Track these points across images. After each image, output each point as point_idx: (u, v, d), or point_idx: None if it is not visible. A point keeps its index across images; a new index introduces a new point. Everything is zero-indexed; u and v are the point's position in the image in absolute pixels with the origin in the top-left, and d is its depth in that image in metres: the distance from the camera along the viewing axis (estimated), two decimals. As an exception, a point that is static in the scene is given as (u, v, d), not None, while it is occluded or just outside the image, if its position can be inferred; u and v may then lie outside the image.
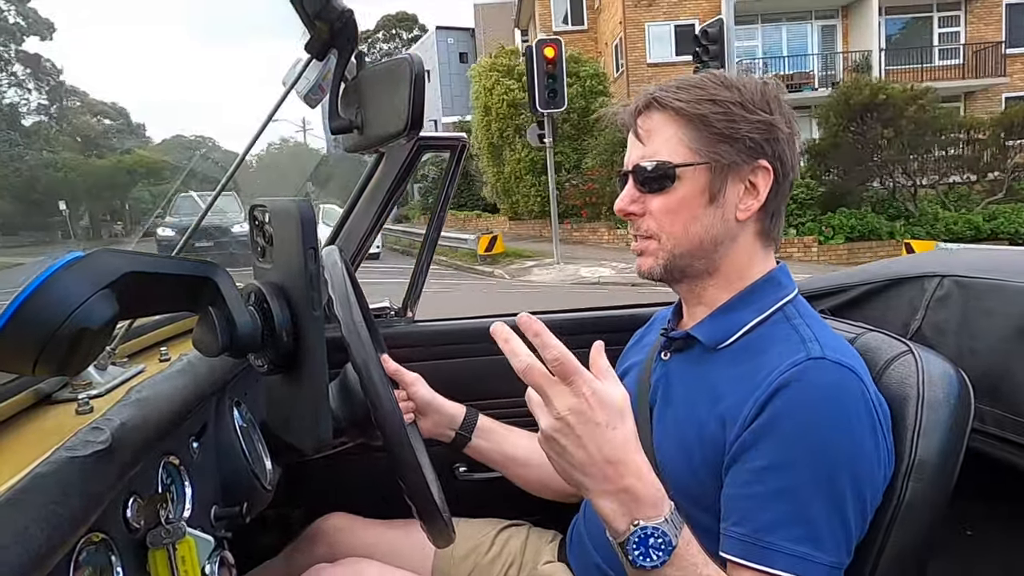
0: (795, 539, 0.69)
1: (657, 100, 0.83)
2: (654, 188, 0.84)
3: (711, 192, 0.82)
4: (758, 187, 0.83)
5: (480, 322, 1.56)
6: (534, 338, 0.63)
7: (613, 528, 0.65)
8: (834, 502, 0.70)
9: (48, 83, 9.34)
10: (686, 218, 0.83)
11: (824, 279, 1.21)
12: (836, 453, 0.70)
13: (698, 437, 0.79)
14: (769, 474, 0.71)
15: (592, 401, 0.63)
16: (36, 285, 0.50)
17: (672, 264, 0.85)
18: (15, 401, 0.72)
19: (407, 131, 0.84)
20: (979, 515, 0.93)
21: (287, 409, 0.77)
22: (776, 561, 0.69)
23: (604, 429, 0.63)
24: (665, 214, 0.84)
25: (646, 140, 0.84)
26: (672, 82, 0.85)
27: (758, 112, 0.81)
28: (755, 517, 0.71)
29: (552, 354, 0.62)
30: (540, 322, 0.63)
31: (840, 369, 0.73)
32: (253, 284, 0.72)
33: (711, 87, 0.82)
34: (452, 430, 1.10)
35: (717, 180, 0.82)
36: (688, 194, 0.82)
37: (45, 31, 9.71)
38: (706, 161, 0.81)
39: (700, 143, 0.81)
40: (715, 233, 0.83)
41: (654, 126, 0.84)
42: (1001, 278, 0.91)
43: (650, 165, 0.83)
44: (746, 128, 0.81)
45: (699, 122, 0.81)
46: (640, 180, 0.84)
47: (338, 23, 0.89)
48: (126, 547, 0.64)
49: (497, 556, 1.13)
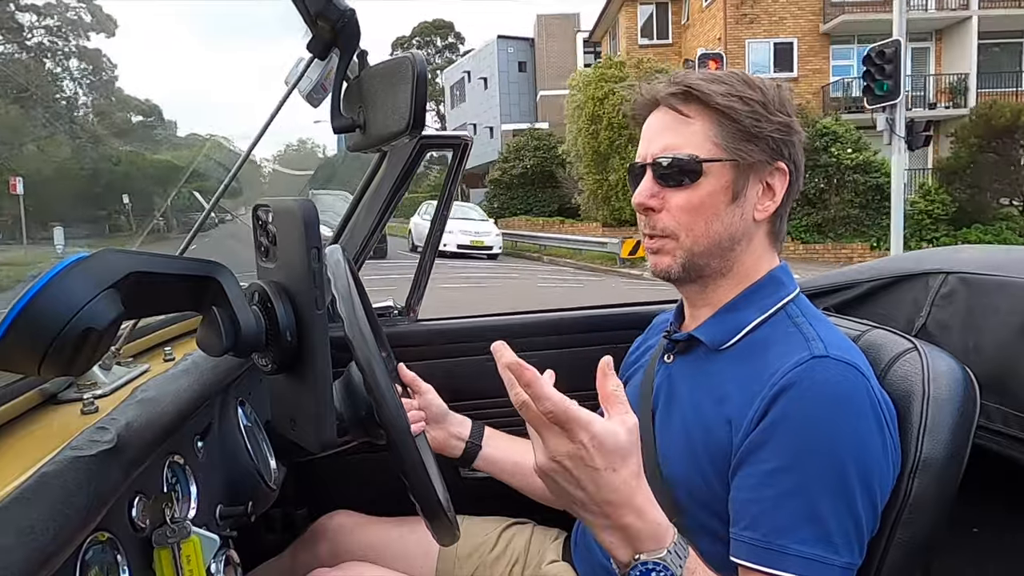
0: (807, 541, 0.68)
1: (692, 89, 0.80)
2: (676, 183, 0.81)
3: (734, 190, 0.80)
4: (775, 188, 0.82)
5: (483, 321, 1.56)
6: (526, 388, 0.59)
7: (616, 558, 0.65)
8: (844, 501, 0.69)
9: (101, 77, 9.38)
10: (708, 215, 0.81)
11: (829, 276, 1.21)
12: (844, 452, 0.70)
13: (704, 440, 0.78)
14: (777, 476, 0.71)
15: (590, 447, 0.59)
16: (41, 285, 0.51)
17: (690, 263, 0.83)
18: (21, 401, 0.73)
19: (409, 130, 0.84)
20: (985, 513, 0.92)
21: (291, 408, 0.77)
22: (789, 564, 0.68)
23: (602, 473, 0.60)
24: (687, 210, 0.81)
25: (668, 133, 0.81)
26: (697, 75, 0.82)
27: (778, 114, 0.80)
28: (765, 521, 0.70)
29: (545, 407, 0.59)
30: (532, 370, 0.59)
31: (844, 367, 0.73)
32: (257, 284, 0.72)
33: (737, 84, 0.80)
34: (462, 440, 1.10)
35: (740, 178, 0.80)
36: (712, 190, 0.80)
37: (110, 26, 9.72)
38: (733, 158, 0.80)
39: (728, 139, 0.79)
40: (734, 232, 0.82)
41: (680, 119, 0.81)
42: (1006, 275, 0.90)
43: (673, 159, 0.80)
44: (769, 128, 0.80)
45: (729, 118, 0.79)
46: (660, 174, 0.81)
47: (340, 22, 0.89)
48: (132, 546, 0.65)
49: (501, 554, 1.13)
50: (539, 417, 0.60)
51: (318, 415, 0.71)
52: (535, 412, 0.60)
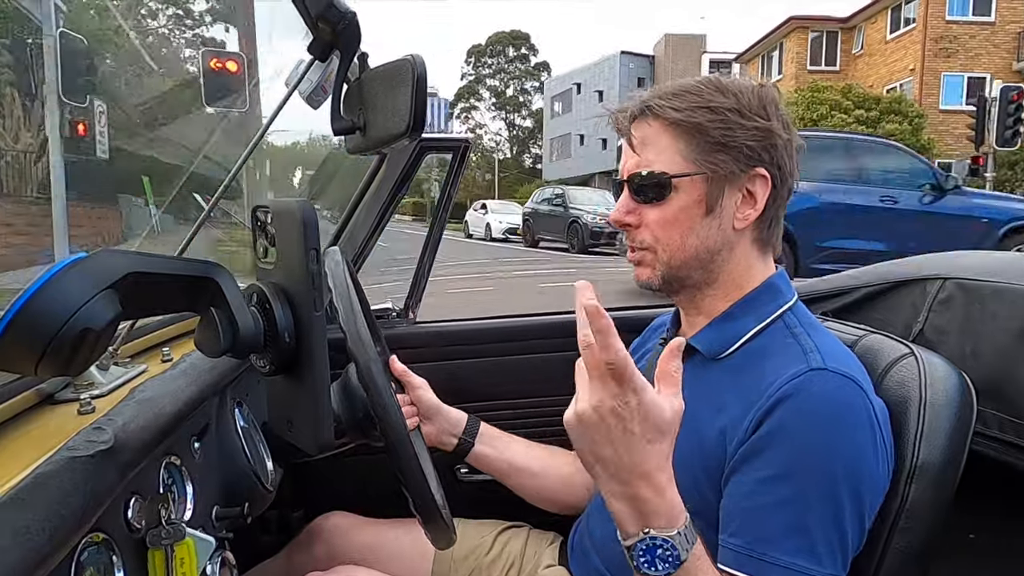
0: (790, 551, 0.68)
1: (651, 108, 0.81)
2: (649, 198, 0.82)
3: (708, 203, 0.80)
4: (756, 195, 0.81)
5: (481, 323, 1.56)
6: (597, 334, 0.57)
7: (623, 529, 0.63)
8: (833, 514, 0.69)
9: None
10: (683, 229, 0.81)
11: (827, 281, 1.21)
12: (837, 465, 0.70)
13: (699, 449, 0.78)
14: (768, 485, 0.70)
15: (636, 411, 0.58)
16: (39, 286, 0.51)
17: (669, 275, 0.84)
18: (17, 401, 0.72)
19: (409, 132, 0.84)
20: (981, 518, 0.93)
21: (289, 410, 0.77)
22: (771, 573, 0.68)
23: (637, 439, 0.59)
24: (661, 225, 0.82)
25: (640, 149, 0.82)
26: (667, 87, 0.83)
27: (755, 119, 0.79)
28: (752, 529, 0.71)
29: (609, 356, 0.57)
30: (608, 318, 0.57)
31: (842, 379, 0.73)
32: (255, 285, 0.72)
33: (707, 93, 0.80)
34: (455, 436, 1.09)
35: (715, 190, 0.80)
36: (685, 205, 0.80)
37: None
38: (703, 171, 0.79)
39: (696, 153, 0.79)
40: (712, 244, 0.82)
41: (648, 134, 0.82)
42: (1004, 281, 0.91)
43: (645, 175, 0.81)
44: (743, 136, 0.79)
45: (695, 131, 0.79)
46: (635, 190, 0.82)
47: (341, 24, 0.89)
48: (127, 547, 0.64)
49: (497, 557, 1.13)
50: (599, 364, 0.58)
51: (315, 417, 0.71)
52: (596, 358, 0.58)
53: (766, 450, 0.71)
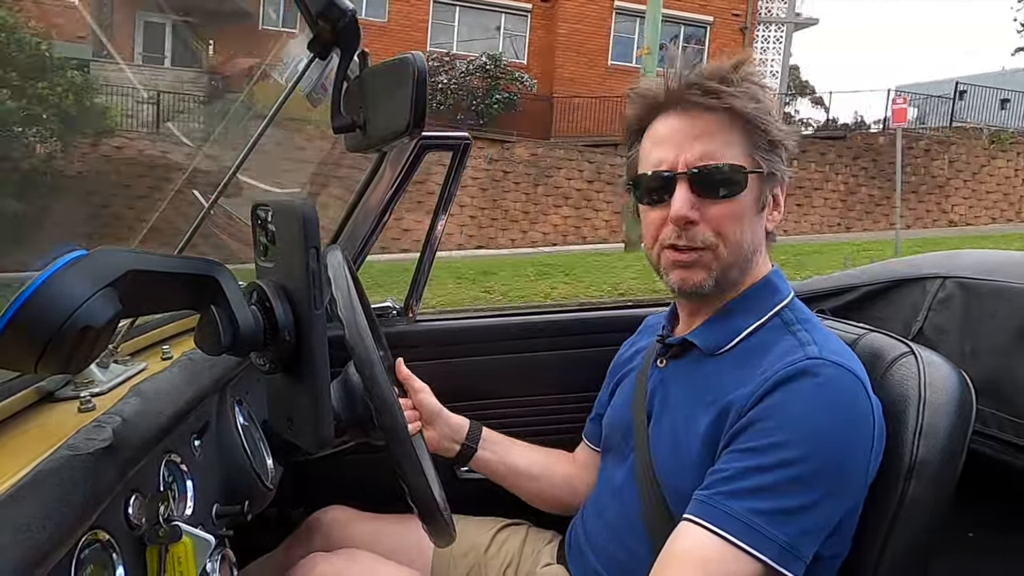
0: (756, 511, 0.68)
1: (719, 95, 0.75)
2: (719, 194, 0.77)
3: (761, 201, 0.79)
4: (779, 198, 0.81)
5: (481, 322, 1.56)
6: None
7: None
8: (808, 489, 0.69)
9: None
10: (744, 227, 0.78)
11: (826, 280, 1.21)
12: (824, 444, 0.70)
13: (695, 445, 0.78)
14: (750, 454, 0.71)
15: None
16: (38, 283, 0.50)
17: (723, 277, 0.80)
18: (18, 399, 0.72)
19: (410, 130, 0.84)
20: (980, 517, 0.93)
21: (289, 408, 0.77)
22: (729, 525, 0.67)
23: None
24: (729, 222, 0.77)
25: (707, 138, 0.77)
26: (723, 70, 0.76)
27: (782, 121, 0.79)
28: (722, 484, 0.70)
29: None
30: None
31: (840, 369, 0.73)
32: (255, 283, 0.72)
33: (758, 91, 0.77)
34: (457, 442, 1.09)
35: (765, 189, 0.79)
36: (750, 201, 0.78)
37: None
38: (761, 169, 0.78)
39: (758, 148, 0.77)
40: (757, 244, 0.81)
41: (715, 125, 0.77)
42: (1003, 280, 0.91)
43: (715, 168, 0.76)
44: (783, 136, 0.78)
45: (757, 126, 0.77)
46: (700, 184, 0.77)
47: (341, 22, 0.89)
48: (127, 545, 0.64)
49: (496, 555, 1.13)
50: None
51: (316, 415, 0.71)
52: None
53: (757, 423, 0.71)
